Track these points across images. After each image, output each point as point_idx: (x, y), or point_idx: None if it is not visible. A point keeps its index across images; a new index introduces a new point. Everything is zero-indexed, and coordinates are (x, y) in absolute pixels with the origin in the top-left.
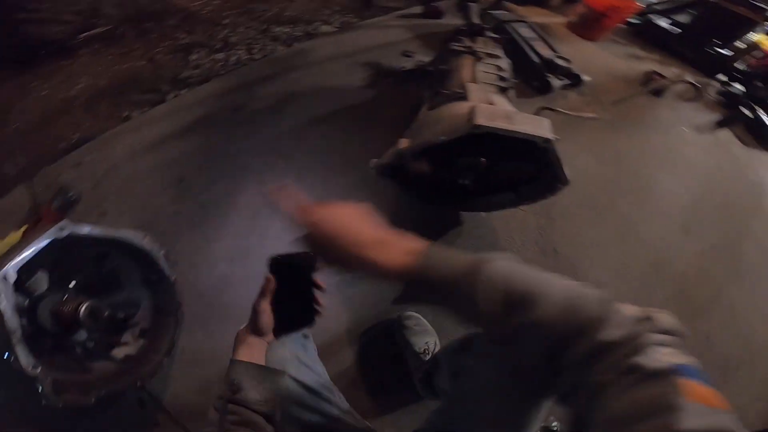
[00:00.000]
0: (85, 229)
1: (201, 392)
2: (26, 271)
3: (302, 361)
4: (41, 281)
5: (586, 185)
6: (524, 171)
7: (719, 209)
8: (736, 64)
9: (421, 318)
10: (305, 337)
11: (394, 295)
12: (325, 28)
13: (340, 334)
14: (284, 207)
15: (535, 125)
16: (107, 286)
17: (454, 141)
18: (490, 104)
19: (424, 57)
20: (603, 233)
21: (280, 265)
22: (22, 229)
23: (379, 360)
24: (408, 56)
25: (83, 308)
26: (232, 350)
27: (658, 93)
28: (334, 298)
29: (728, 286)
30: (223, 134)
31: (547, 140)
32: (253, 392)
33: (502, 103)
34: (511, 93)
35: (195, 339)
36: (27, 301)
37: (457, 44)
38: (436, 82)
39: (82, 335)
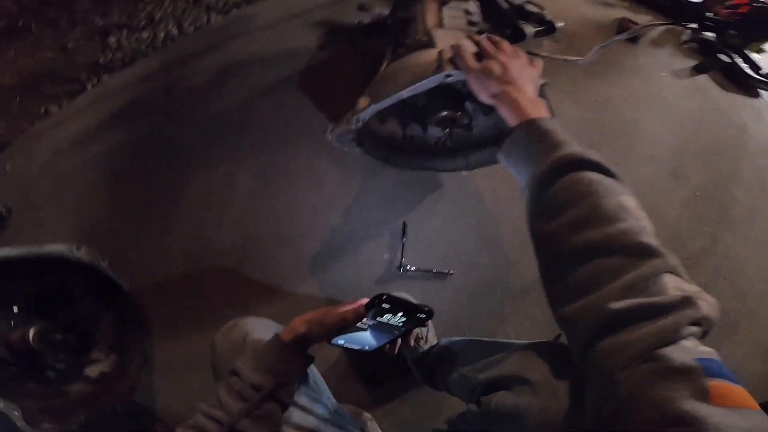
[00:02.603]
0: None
1: (189, 399)
2: None
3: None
4: None
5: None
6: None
7: (706, 153)
8: (707, 13)
9: (411, 299)
10: None
11: (376, 274)
12: None
13: None
14: None
15: None
16: (57, 304)
17: (424, 95)
18: None
19: (382, 9)
20: None
21: (390, 303)
22: None
23: None
24: (364, 10)
25: (31, 334)
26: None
27: (634, 40)
28: (311, 284)
29: (722, 233)
30: (156, 118)
31: None
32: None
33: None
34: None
35: (168, 346)
36: None
37: None
38: (397, 33)
39: (48, 358)
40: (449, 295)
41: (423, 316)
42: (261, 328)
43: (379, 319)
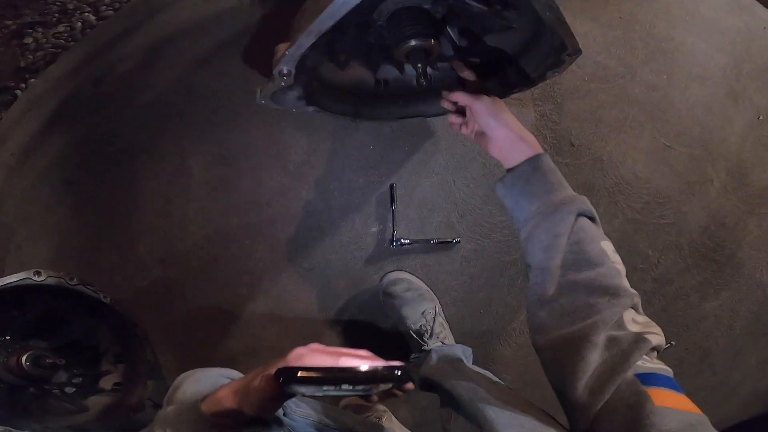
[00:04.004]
0: None
1: None
2: None
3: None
4: None
5: (594, 54)
6: (506, 46)
7: (764, 73)
8: None
9: (412, 279)
10: None
11: (366, 252)
12: None
13: (317, 321)
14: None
15: None
16: (49, 327)
17: (387, 25)
18: None
19: None
20: (629, 109)
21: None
22: None
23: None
24: None
25: (24, 360)
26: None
27: None
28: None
29: None
30: (91, 115)
31: None
32: None
33: None
34: None
35: (170, 350)
36: None
37: None
38: None
39: (62, 376)
40: (458, 268)
41: (388, 385)
42: (199, 382)
43: (321, 392)
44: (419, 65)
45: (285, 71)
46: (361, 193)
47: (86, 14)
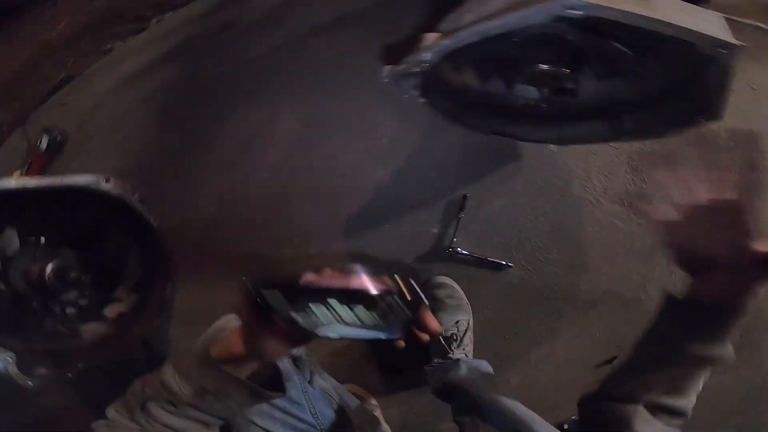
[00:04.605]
0: (32, 182)
1: None
2: None
3: None
4: (11, 239)
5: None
6: (638, 93)
7: None
8: None
9: (456, 288)
10: None
11: (420, 250)
12: None
13: None
14: None
15: (698, 18)
16: (87, 239)
17: (518, 42)
18: None
19: None
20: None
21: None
22: (15, 174)
23: None
24: None
25: (48, 269)
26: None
27: None
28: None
29: None
30: (210, 56)
31: (724, 45)
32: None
33: None
34: None
35: (189, 295)
36: None
37: None
38: None
39: (72, 294)
40: (500, 291)
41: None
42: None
43: (312, 307)
44: (545, 90)
45: (428, 59)
46: (433, 192)
47: None
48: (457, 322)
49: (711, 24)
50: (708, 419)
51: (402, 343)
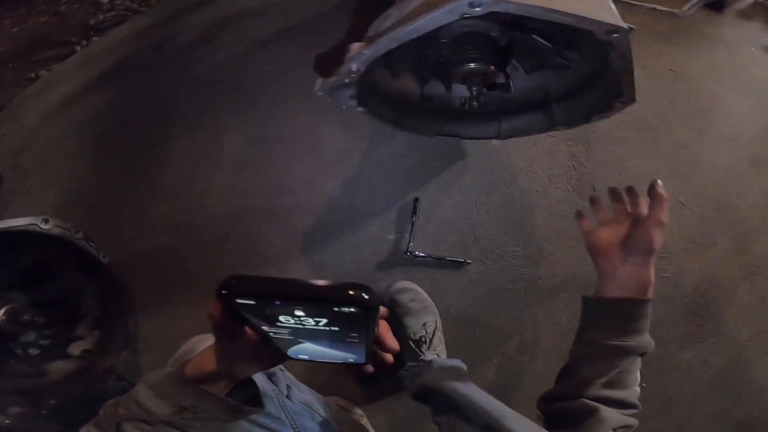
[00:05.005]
0: None
1: None
2: None
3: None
4: None
5: (636, 104)
6: (563, 84)
7: None
8: None
9: (419, 291)
10: None
11: (378, 257)
12: None
13: None
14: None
15: (593, 6)
16: (35, 279)
17: (448, 44)
18: None
19: None
20: (655, 164)
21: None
22: None
23: None
24: None
25: (1, 314)
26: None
27: (717, 7)
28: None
29: None
30: (144, 78)
31: (614, 30)
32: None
33: None
34: None
35: (152, 322)
36: None
37: None
38: None
39: (31, 335)
40: (463, 288)
41: (353, 310)
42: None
43: (282, 321)
44: (474, 88)
45: (354, 69)
46: (385, 199)
47: None
48: (424, 324)
49: (603, 10)
50: (691, 397)
51: (370, 368)
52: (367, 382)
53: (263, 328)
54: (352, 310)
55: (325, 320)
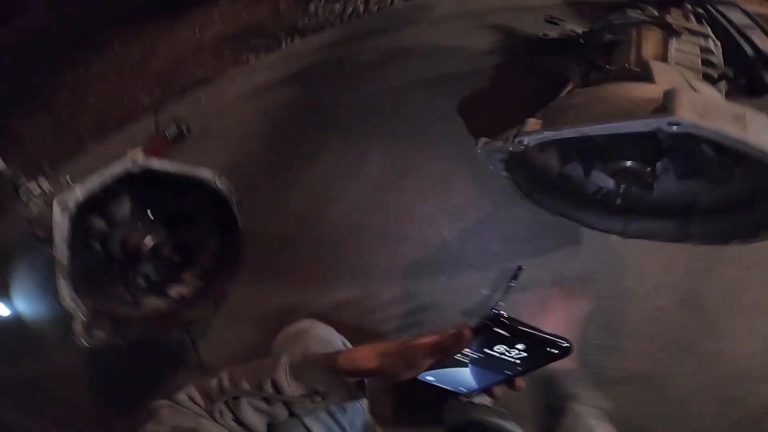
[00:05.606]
0: (158, 164)
1: (231, 353)
2: (112, 196)
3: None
4: (123, 207)
5: None
6: (712, 197)
7: None
8: None
9: None
10: None
11: (465, 305)
12: None
13: (386, 336)
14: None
15: None
16: (181, 222)
17: (606, 134)
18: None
19: (574, 26)
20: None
21: (510, 329)
22: (137, 149)
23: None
24: (553, 23)
25: (147, 242)
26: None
27: None
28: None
29: None
30: (322, 87)
31: None
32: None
33: (712, 95)
34: (722, 87)
35: (246, 295)
36: (106, 226)
37: (638, 12)
38: (594, 55)
39: (148, 266)
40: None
41: (555, 352)
42: (327, 336)
43: (488, 350)
44: (623, 185)
45: (526, 143)
46: (492, 257)
47: (359, 3)
48: None
49: None
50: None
51: (500, 392)
52: (401, 404)
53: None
54: (555, 352)
55: (525, 354)
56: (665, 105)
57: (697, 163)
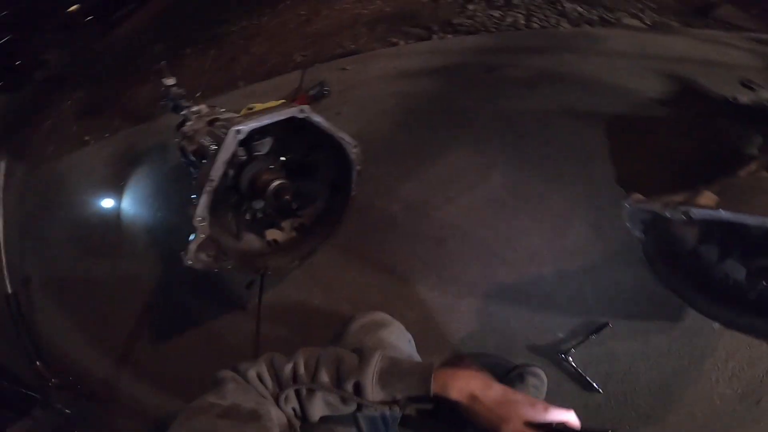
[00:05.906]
0: (317, 119)
1: (295, 312)
2: (260, 133)
3: None
4: (265, 146)
5: None
6: None
7: None
8: None
9: (545, 385)
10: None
11: (536, 341)
12: (630, 20)
13: (444, 348)
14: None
15: None
16: (304, 173)
17: None
18: None
19: None
20: None
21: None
22: (280, 101)
23: None
24: (749, 87)
25: (275, 183)
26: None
27: None
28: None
29: None
30: (465, 88)
31: None
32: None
33: None
34: None
35: (329, 260)
36: (246, 158)
37: None
38: None
39: (260, 204)
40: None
41: None
42: (399, 335)
43: None
44: (762, 283)
45: (692, 215)
46: (582, 306)
47: (519, 15)
48: None
49: None
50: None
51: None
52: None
53: None
54: None
55: None
56: None
57: None
